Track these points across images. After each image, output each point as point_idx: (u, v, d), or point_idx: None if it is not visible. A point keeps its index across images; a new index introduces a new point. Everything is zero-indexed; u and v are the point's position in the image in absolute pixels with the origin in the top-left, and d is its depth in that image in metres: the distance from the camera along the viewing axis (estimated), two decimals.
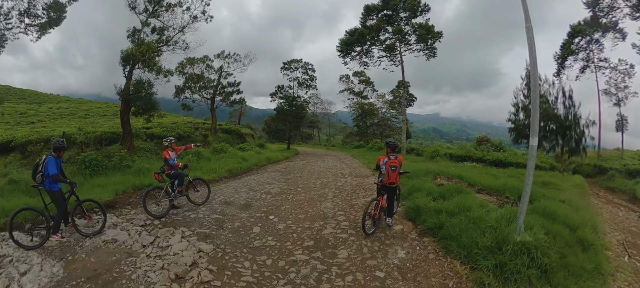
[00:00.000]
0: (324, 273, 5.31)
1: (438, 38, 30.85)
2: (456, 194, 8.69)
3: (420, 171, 13.09)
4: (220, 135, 30.88)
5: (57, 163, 6.53)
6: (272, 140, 48.75)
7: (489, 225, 5.94)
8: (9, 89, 61.41)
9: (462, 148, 27.53)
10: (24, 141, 18.74)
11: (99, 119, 36.75)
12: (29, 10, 15.33)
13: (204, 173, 13.99)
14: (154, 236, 6.90)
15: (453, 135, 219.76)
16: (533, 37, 5.69)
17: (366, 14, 32.52)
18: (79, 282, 4.98)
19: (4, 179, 11.84)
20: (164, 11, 19.68)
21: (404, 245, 6.30)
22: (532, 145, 5.78)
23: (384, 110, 55.44)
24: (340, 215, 8.50)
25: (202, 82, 32.26)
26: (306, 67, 37.83)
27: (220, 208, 9.18)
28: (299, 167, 19.59)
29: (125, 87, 18.34)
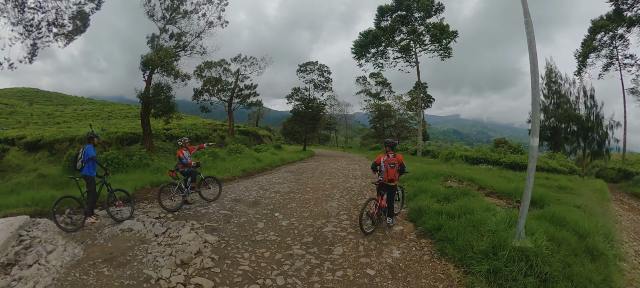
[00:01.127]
0: (316, 268, 5.49)
1: (453, 38, 30.36)
2: (462, 197, 8.57)
3: (430, 173, 12.88)
4: (237, 136, 31.39)
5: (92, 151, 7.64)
6: (289, 141, 49.09)
7: (488, 229, 5.79)
8: (37, 92, 64.51)
9: (479, 150, 26.99)
10: (52, 140, 19.69)
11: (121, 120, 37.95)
12: (56, 20, 16.17)
13: (219, 172, 14.35)
14: (166, 227, 7.44)
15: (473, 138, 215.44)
16: (532, 32, 5.53)
17: (380, 15, 32.31)
18: (96, 262, 5.58)
19: (34, 174, 12.60)
20: (181, 18, 20.27)
21: (400, 246, 6.31)
22: (532, 146, 5.56)
23: (401, 112, 54.94)
24: (343, 214, 8.62)
25: (220, 85, 32.89)
26: (322, 69, 37.91)
27: (230, 205, 9.54)
28: (312, 168, 19.72)
29: (145, 91, 18.99)
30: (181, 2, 19.95)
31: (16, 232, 6.17)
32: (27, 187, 10.53)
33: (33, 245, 5.93)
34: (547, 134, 29.25)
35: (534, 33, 5.52)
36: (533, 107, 5.64)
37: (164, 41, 20.11)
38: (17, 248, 5.71)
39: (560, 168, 20.14)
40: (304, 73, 37.92)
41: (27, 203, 8.54)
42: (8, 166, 17.16)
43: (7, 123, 34.39)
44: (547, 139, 29.61)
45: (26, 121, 36.41)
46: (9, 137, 22.07)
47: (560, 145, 28.69)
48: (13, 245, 5.87)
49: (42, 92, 66.00)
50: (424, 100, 44.60)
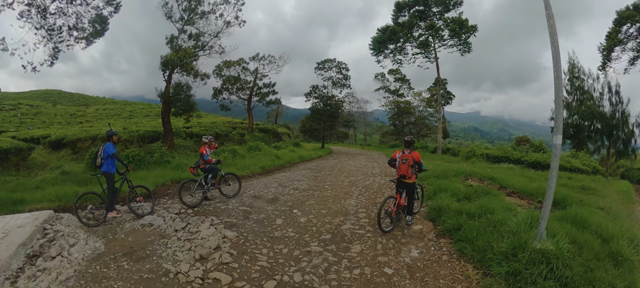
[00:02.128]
0: (334, 265, 5.51)
1: (472, 32, 29.72)
2: (482, 196, 8.44)
3: (450, 171, 12.73)
4: (257, 134, 31.68)
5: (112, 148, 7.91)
6: (308, 139, 49.22)
7: (509, 230, 5.65)
8: (60, 93, 66.99)
9: (500, 148, 26.39)
10: (74, 139, 20.31)
11: (142, 119, 38.80)
12: (76, 24, 16.80)
13: (239, 169, 14.55)
14: (186, 223, 7.61)
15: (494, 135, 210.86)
16: (554, 25, 5.32)
17: (397, 10, 31.93)
18: (116, 256, 5.77)
19: (58, 171, 13.06)
20: (199, 19, 20.63)
21: (419, 245, 6.26)
22: (555, 144, 5.37)
23: (421, 109, 54.20)
24: (362, 212, 8.62)
25: (239, 84, 33.25)
26: (340, 67, 37.85)
27: (249, 201, 9.72)
28: (330, 165, 19.78)
29: (165, 90, 19.43)
30: (198, 3, 20.28)
31: (41, 226, 6.49)
32: (51, 184, 10.88)
33: (56, 238, 6.20)
34: (569, 132, 28.32)
35: (555, 26, 5.33)
36: (556, 104, 5.45)
37: (183, 42, 20.53)
38: (42, 241, 6.00)
39: (583, 168, 19.48)
40: (322, 71, 37.95)
41: (51, 199, 8.88)
42: (33, 163, 17.81)
43: (32, 123, 35.66)
44: (570, 137, 28.67)
45: (50, 121, 37.64)
46: (35, 136, 22.85)
47: (584, 143, 27.73)
48: (38, 238, 6.16)
49: (64, 93, 68.49)
50: (443, 97, 43.89)
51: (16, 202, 8.69)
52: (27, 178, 13.34)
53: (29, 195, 9.33)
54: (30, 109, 44.88)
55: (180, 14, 20.35)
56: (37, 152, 19.72)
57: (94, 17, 17.27)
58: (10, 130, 29.66)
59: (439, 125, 33.42)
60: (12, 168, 16.21)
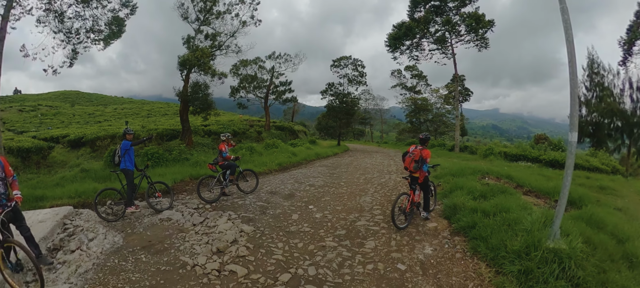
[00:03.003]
0: (348, 260, 5.62)
1: (489, 27, 28.99)
2: (498, 194, 8.39)
3: (467, 169, 12.62)
4: (274, 132, 32.01)
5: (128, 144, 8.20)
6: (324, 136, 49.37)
7: (523, 228, 5.62)
8: (79, 94, 69.20)
9: (518, 147, 25.92)
10: (93, 137, 20.95)
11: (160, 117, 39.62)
12: (93, 27, 17.37)
13: (256, 166, 14.81)
14: (204, 217, 7.86)
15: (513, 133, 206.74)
16: (569, 19, 5.20)
17: (413, 6, 31.31)
18: (135, 249, 6.00)
19: (77, 168, 13.53)
20: (215, 19, 20.96)
21: (433, 242, 6.31)
22: (570, 142, 5.29)
23: (439, 106, 53.38)
24: (377, 209, 8.71)
25: (256, 82, 33.65)
26: (356, 64, 37.73)
27: (266, 197, 9.97)
28: (346, 163, 19.87)
29: (183, 89, 19.86)
30: (214, 3, 20.57)
31: (61, 221, 6.81)
32: (70, 181, 11.22)
33: (76, 233, 6.49)
34: (588, 130, 27.41)
35: (570, 21, 5.22)
36: (571, 100, 5.33)
37: (200, 42, 20.90)
38: (62, 235, 6.30)
39: (602, 167, 18.95)
40: (337, 68, 37.94)
41: (71, 195, 9.23)
42: (53, 162, 18.42)
43: (51, 123, 37.03)
44: (589, 136, 27.75)
45: (69, 121, 38.89)
46: (54, 136, 23.66)
47: (603, 142, 26.82)
48: (58, 232, 6.47)
49: (83, 94, 70.81)
50: (461, 94, 43.26)
51: (37, 198, 9.07)
52: (47, 175, 13.79)
53: (49, 191, 9.72)
54: (49, 109, 46.51)
55: (196, 14, 20.75)
56: (56, 150, 20.35)
57: (110, 19, 17.82)
58: (31, 130, 30.92)
59: (457, 123, 32.87)
60: (33, 167, 16.82)
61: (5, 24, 14.05)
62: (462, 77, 42.20)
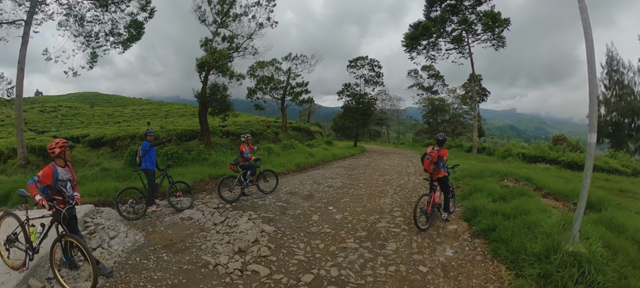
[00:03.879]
0: (369, 261, 5.69)
1: (505, 26, 28.59)
2: (518, 197, 8.41)
3: (486, 171, 12.60)
4: (290, 132, 32.27)
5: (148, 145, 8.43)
6: (340, 137, 49.38)
7: (543, 231, 5.63)
8: (98, 95, 71.22)
9: (536, 148, 25.50)
10: (113, 137, 21.54)
11: (178, 118, 40.38)
12: (112, 30, 17.95)
13: (274, 166, 15.04)
14: (225, 217, 8.06)
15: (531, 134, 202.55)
16: (588, 18, 5.14)
17: (429, 5, 31.19)
18: (156, 248, 6.18)
19: (98, 168, 13.97)
20: (232, 21, 21.35)
21: (453, 245, 6.38)
22: (589, 143, 5.29)
23: (456, 106, 52.86)
24: (397, 210, 8.79)
25: (272, 84, 34.00)
26: (372, 64, 37.71)
27: (286, 197, 10.14)
28: (364, 164, 19.96)
29: (202, 91, 20.29)
30: (231, 6, 20.93)
31: (82, 219, 7.04)
32: (91, 179, 11.39)
33: (97, 231, 6.71)
34: (608, 130, 26.72)
35: (589, 20, 5.17)
36: (591, 102, 5.27)
37: (217, 44, 21.32)
38: (83, 233, 6.46)
39: (623, 169, 18.48)
40: (354, 68, 38.00)
41: (92, 194, 9.39)
42: (74, 161, 18.87)
43: (71, 123, 38.18)
44: (609, 136, 27.05)
45: (88, 121, 39.96)
46: (74, 135, 24.30)
47: (623, 142, 26.16)
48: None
49: (102, 95, 72.95)
50: (479, 94, 42.71)
51: None
52: None
53: None
54: (69, 110, 47.93)
55: (214, 17, 21.13)
56: (77, 150, 20.88)
57: (129, 22, 18.34)
58: (52, 130, 32.02)
59: (474, 123, 32.55)
60: None
61: (29, 29, 14.77)
62: (479, 77, 41.74)
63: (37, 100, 62.57)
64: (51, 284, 4.77)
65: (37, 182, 4.65)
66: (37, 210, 5.03)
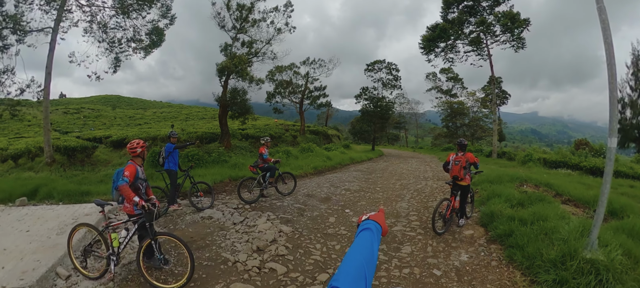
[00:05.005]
0: (384, 263, 5.76)
1: (525, 26, 27.95)
2: (536, 202, 8.30)
3: (505, 176, 12.45)
4: (308, 136, 32.50)
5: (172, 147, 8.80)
6: (358, 141, 49.35)
7: (560, 237, 5.55)
8: (119, 98, 73.39)
9: (558, 153, 24.92)
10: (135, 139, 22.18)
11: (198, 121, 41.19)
12: (134, 36, 18.60)
13: (292, 169, 15.23)
14: (244, 217, 8.29)
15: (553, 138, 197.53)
16: (607, 19, 5.01)
17: (446, 7, 30.79)
18: (177, 245, 6.23)
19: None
20: (250, 27, 21.75)
21: (469, 250, 6.38)
22: (609, 148, 5.17)
23: (475, 109, 51.93)
24: (413, 215, 8.82)
25: (291, 88, 34.34)
26: (390, 68, 37.58)
27: (303, 199, 10.32)
28: (381, 168, 19.97)
29: (222, 94, 20.74)
30: (250, 12, 21.31)
31: (106, 215, 7.35)
32: None
33: (120, 227, 6.99)
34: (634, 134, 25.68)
35: (608, 21, 5.03)
36: (610, 103, 5.16)
37: (237, 49, 21.75)
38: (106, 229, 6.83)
39: None
40: (371, 72, 37.97)
41: None
42: (97, 160, 19.59)
43: (94, 125, 39.52)
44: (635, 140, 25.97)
45: (110, 123, 41.29)
46: (97, 136, 25.16)
47: None
48: (102, 225, 7.04)
49: (123, 98, 75.14)
50: (499, 97, 41.90)
51: (83, 193, 9.93)
52: (91, 173, 14.63)
53: (94, 187, 10.56)
54: (91, 112, 49.62)
55: (233, 23, 21.57)
56: (99, 150, 21.54)
57: (150, 29, 18.95)
58: (75, 130, 33.19)
59: (494, 127, 31.96)
60: (78, 164, 17.88)
61: (56, 35, 15.52)
62: (499, 79, 41.03)
63: (61, 102, 65.11)
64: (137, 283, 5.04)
65: (127, 182, 4.82)
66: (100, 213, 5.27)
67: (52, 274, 5.02)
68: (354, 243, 1.17)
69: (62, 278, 5.03)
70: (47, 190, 10.15)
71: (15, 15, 15.33)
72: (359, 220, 1.38)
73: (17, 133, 32.77)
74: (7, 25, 15.18)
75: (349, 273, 0.98)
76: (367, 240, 1.19)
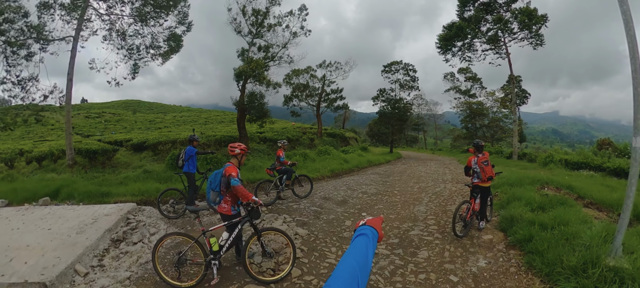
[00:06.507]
0: (400, 268, 5.69)
1: (542, 23, 27.18)
2: (558, 206, 8.06)
3: (525, 179, 12.20)
4: (326, 138, 32.60)
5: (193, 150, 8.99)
6: (376, 143, 49.12)
7: (582, 243, 5.35)
8: (140, 103, 75.49)
9: (580, 153, 24.08)
10: (155, 142, 22.70)
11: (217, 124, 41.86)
12: (152, 43, 19.13)
13: (309, 171, 15.33)
14: (261, 219, 8.31)
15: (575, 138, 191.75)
16: (629, 10, 4.79)
17: (462, 5, 30.27)
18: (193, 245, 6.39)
19: (140, 170, 14.86)
20: (266, 31, 22.16)
21: (487, 255, 6.25)
22: (634, 147, 4.93)
23: (495, 110, 51.04)
24: (431, 219, 8.72)
25: (308, 91, 34.54)
26: (407, 68, 37.32)
27: (320, 202, 10.33)
28: (399, 171, 19.83)
29: (240, 98, 21.11)
30: (265, 16, 21.62)
31: (125, 216, 7.65)
32: (134, 180, 12.28)
33: (138, 227, 7.29)
34: None
35: (630, 12, 4.81)
36: (634, 100, 4.88)
37: (253, 54, 22.16)
38: (125, 229, 7.10)
39: None
40: (388, 73, 37.80)
41: (134, 193, 10.21)
42: (118, 163, 20.17)
43: (115, 128, 40.73)
44: None
45: (131, 127, 42.38)
46: (118, 140, 25.92)
47: None
48: (122, 225, 7.30)
49: (143, 103, 77.27)
50: (518, 96, 41.05)
51: (103, 194, 10.21)
52: (112, 175, 15.03)
53: (114, 189, 10.82)
54: (112, 116, 51.14)
55: (249, 28, 21.99)
56: (120, 153, 22.16)
57: (168, 36, 19.45)
58: (96, 134, 34.19)
59: (515, 128, 31.26)
60: (99, 166, 18.51)
61: (76, 43, 16.19)
62: (518, 78, 40.18)
63: (83, 107, 67.46)
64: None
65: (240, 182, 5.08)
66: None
67: (71, 271, 5.25)
68: (348, 248, 1.21)
69: (80, 275, 5.25)
70: (69, 190, 10.55)
71: (39, 25, 16.13)
72: (356, 225, 1.41)
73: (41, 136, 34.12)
74: (31, 35, 15.96)
75: (342, 278, 1.02)
76: (362, 245, 1.22)
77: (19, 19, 15.55)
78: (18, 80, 16.04)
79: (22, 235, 6.52)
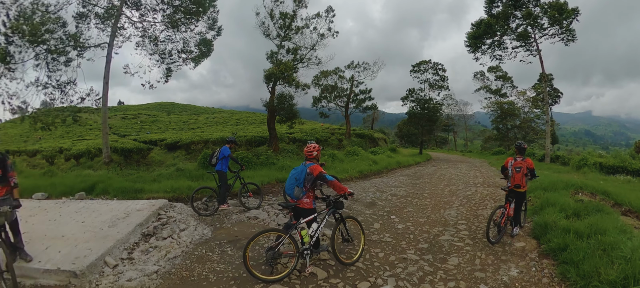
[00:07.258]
0: (429, 275, 5.57)
1: (574, 16, 25.89)
2: (593, 213, 7.72)
3: (559, 183, 11.78)
4: (354, 139, 32.69)
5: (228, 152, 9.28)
6: (405, 144, 48.70)
7: (621, 255, 5.03)
8: (174, 105, 78.76)
9: (615, 156, 22.93)
10: (188, 142, 23.57)
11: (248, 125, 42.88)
12: (184, 48, 19.93)
13: (337, 172, 15.54)
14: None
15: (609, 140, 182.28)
16: None
17: (490, 1, 29.43)
18: (222, 242, 6.78)
19: (173, 168, 15.49)
20: (294, 34, 22.59)
21: (519, 264, 6.09)
22: None
23: (526, 110, 49.35)
24: (462, 224, 8.60)
25: (336, 92, 34.73)
26: (436, 68, 36.77)
27: (348, 204, 10.24)
28: (429, 173, 19.68)
29: (270, 100, 21.58)
30: (293, 19, 21.98)
31: (156, 211, 7.99)
32: (166, 178, 12.79)
33: (169, 223, 7.57)
34: None
35: None
36: None
37: (282, 56, 22.64)
38: (156, 224, 7.39)
39: None
40: (417, 73, 37.38)
41: (166, 190, 10.65)
42: (152, 161, 21.12)
43: (150, 129, 42.81)
44: None
45: (165, 127, 44.20)
46: (152, 139, 27.36)
47: None
48: (153, 221, 7.62)
49: (177, 105, 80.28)
50: (551, 95, 39.41)
51: (137, 190, 10.72)
52: (146, 172, 15.73)
53: (147, 186, 11.32)
54: (148, 117, 53.39)
55: (277, 31, 22.46)
56: (154, 152, 23.20)
57: (198, 41, 20.17)
58: (132, 134, 35.87)
59: (547, 129, 30.00)
60: (134, 164, 19.48)
61: (111, 50, 17.28)
62: (550, 76, 38.65)
63: (120, 109, 70.97)
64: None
65: (333, 177, 5.67)
66: None
67: (100, 262, 5.60)
68: None
69: (109, 266, 5.59)
70: (104, 186, 11.20)
71: (76, 34, 17.31)
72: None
73: (80, 135, 36.15)
74: (69, 43, 17.11)
75: None
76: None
77: (58, 29, 16.68)
78: (58, 84, 17.16)
79: (58, 226, 6.98)
